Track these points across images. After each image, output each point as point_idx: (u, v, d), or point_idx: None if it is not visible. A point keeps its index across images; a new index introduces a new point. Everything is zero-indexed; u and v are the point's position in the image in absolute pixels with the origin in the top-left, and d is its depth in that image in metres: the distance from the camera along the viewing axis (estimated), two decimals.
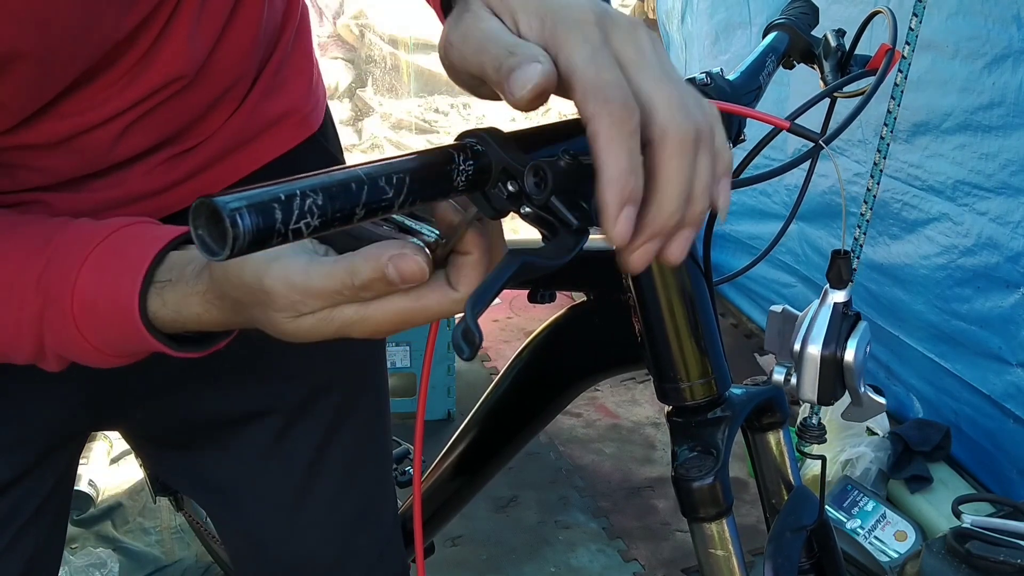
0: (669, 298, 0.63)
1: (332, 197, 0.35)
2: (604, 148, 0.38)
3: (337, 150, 0.85)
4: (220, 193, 0.33)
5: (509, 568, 1.81)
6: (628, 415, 2.34)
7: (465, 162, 0.39)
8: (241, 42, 0.66)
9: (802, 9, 0.84)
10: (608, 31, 0.41)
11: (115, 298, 0.50)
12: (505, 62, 0.39)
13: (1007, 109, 1.64)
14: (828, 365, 0.61)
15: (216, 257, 0.34)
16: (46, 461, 0.74)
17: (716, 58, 2.51)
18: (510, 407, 0.93)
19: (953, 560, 1.47)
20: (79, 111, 0.59)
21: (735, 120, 0.65)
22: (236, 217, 0.32)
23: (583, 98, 0.39)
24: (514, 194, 0.41)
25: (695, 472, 0.61)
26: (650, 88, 0.40)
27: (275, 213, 0.33)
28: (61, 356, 0.54)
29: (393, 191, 0.37)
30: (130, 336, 0.51)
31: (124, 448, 2.09)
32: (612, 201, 0.38)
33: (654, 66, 0.41)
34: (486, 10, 0.42)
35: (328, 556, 0.85)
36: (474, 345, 0.36)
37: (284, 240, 0.34)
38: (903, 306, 1.99)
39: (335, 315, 0.43)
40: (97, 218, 0.56)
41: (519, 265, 0.39)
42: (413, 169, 0.38)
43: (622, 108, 0.38)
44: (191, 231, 0.34)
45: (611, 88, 0.39)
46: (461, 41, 0.42)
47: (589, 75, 0.39)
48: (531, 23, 0.41)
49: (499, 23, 0.41)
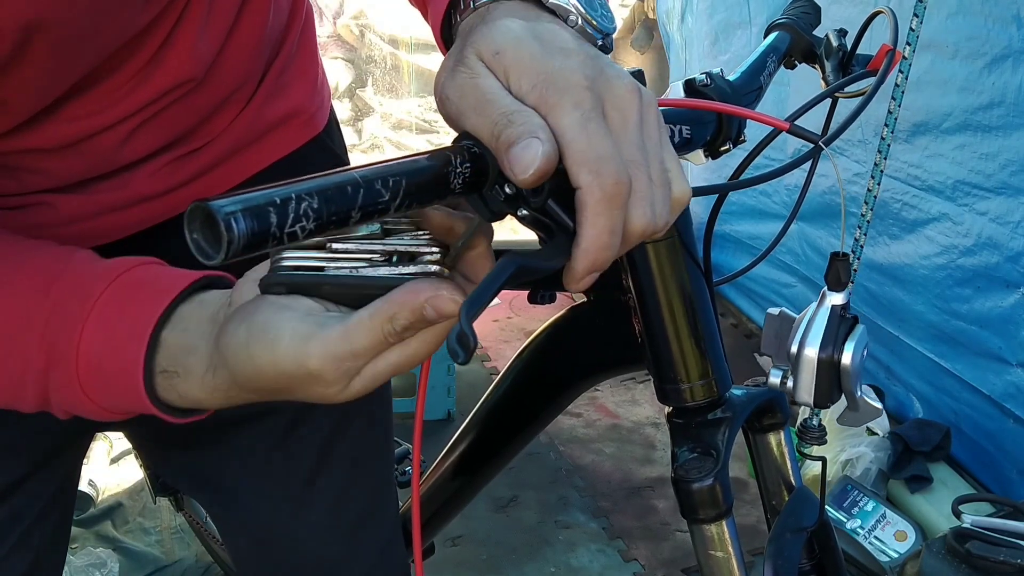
0: (669, 299, 0.63)
1: (328, 200, 0.35)
2: (588, 220, 0.39)
3: (342, 150, 0.85)
4: (216, 197, 0.33)
5: (509, 568, 1.81)
6: (628, 415, 2.34)
7: (462, 164, 0.39)
8: (247, 44, 0.66)
9: (804, 9, 0.84)
10: (602, 95, 0.41)
11: (120, 368, 0.49)
12: (503, 132, 0.39)
13: (1007, 109, 1.64)
14: (825, 368, 0.61)
15: (211, 260, 0.33)
16: (50, 463, 0.74)
17: (716, 58, 2.51)
18: (510, 407, 0.93)
19: (953, 560, 1.47)
20: (87, 114, 0.59)
21: (735, 120, 0.65)
22: (231, 221, 0.32)
23: (574, 167, 0.39)
24: (511, 196, 0.41)
25: (695, 473, 0.61)
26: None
27: (270, 217, 0.33)
28: (67, 411, 0.53)
29: (389, 194, 0.37)
30: (134, 404, 0.50)
31: (124, 448, 2.09)
32: (581, 268, 0.40)
33: (634, 140, 0.41)
34: (481, 64, 0.41)
35: (331, 555, 0.85)
36: (469, 349, 0.36)
37: (279, 243, 0.34)
38: (903, 306, 1.99)
39: (379, 364, 0.43)
40: (102, 220, 0.56)
41: (515, 268, 0.39)
42: (410, 172, 0.38)
43: (614, 185, 0.39)
44: (186, 235, 0.34)
45: (603, 162, 0.39)
46: (458, 97, 0.41)
47: (580, 145, 0.39)
48: (523, 84, 0.40)
49: (494, 81, 0.41)
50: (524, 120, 0.39)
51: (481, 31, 0.42)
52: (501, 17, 0.43)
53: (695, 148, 0.64)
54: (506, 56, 0.41)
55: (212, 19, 0.62)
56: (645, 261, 0.62)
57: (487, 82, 0.41)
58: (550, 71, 0.40)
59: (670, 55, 2.87)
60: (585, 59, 0.41)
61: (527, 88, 0.40)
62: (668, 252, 0.61)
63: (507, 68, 0.41)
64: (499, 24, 0.42)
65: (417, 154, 0.39)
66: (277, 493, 0.82)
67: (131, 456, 2.03)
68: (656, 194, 0.41)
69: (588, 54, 0.42)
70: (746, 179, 0.59)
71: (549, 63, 0.40)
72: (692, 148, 0.63)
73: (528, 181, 0.38)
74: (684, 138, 0.61)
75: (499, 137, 0.39)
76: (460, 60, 0.42)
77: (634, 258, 0.63)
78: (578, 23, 0.46)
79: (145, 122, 0.62)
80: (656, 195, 0.41)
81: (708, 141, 0.65)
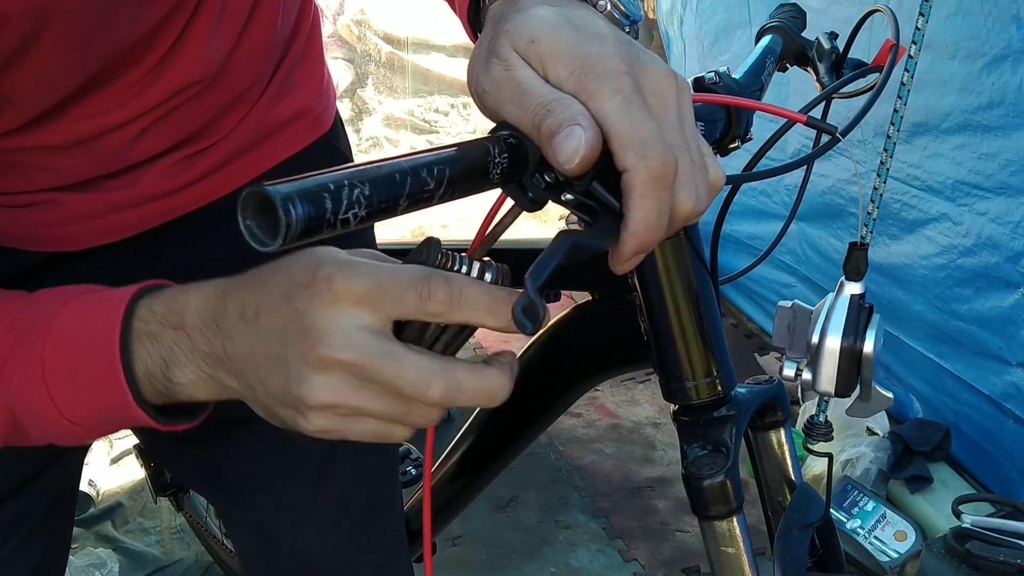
0: (675, 298, 0.63)
1: (378, 187, 0.35)
2: (636, 202, 0.39)
3: (347, 150, 0.86)
4: (269, 183, 0.32)
5: (509, 568, 1.81)
6: (628, 415, 2.34)
7: (500, 155, 0.39)
8: (258, 45, 0.67)
9: (791, 13, 0.85)
10: (640, 79, 0.40)
11: (95, 334, 0.47)
12: (544, 122, 0.38)
13: (1007, 109, 1.64)
14: (847, 357, 0.61)
15: (266, 247, 0.33)
16: (52, 466, 0.74)
17: (716, 58, 2.51)
18: (513, 406, 0.93)
19: (953, 560, 1.47)
20: (98, 113, 0.59)
21: (744, 118, 0.65)
22: (289, 206, 0.32)
23: (620, 150, 0.39)
24: (552, 184, 0.41)
25: (706, 470, 0.61)
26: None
27: (325, 202, 0.33)
28: (14, 413, 0.50)
29: (434, 183, 0.37)
30: (107, 390, 0.47)
31: (124, 448, 2.09)
32: (629, 249, 0.40)
33: (674, 123, 0.41)
34: (515, 55, 0.41)
35: (337, 553, 0.85)
36: (537, 319, 0.37)
37: (332, 230, 0.34)
38: (903, 306, 1.99)
39: (349, 422, 0.43)
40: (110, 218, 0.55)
41: (571, 244, 0.39)
42: (452, 161, 0.38)
43: (661, 165, 0.39)
44: (239, 222, 0.33)
45: (649, 144, 0.39)
46: (495, 90, 0.41)
47: (624, 127, 0.39)
48: (560, 72, 0.40)
49: (530, 72, 0.41)
50: (564, 108, 0.38)
51: (514, 20, 0.42)
52: (533, 5, 0.43)
53: None
54: (541, 44, 0.41)
55: (224, 20, 0.62)
56: (651, 259, 0.63)
57: (523, 73, 0.40)
58: (587, 57, 0.40)
59: (670, 55, 2.87)
60: (620, 44, 0.41)
61: (565, 75, 0.40)
62: (674, 250, 0.61)
63: (543, 56, 0.40)
64: (532, 12, 0.42)
65: (457, 144, 0.39)
66: (284, 491, 0.82)
67: (131, 456, 2.02)
68: (698, 177, 0.42)
69: (622, 40, 0.42)
70: (760, 171, 0.59)
71: (585, 49, 0.40)
72: None
73: (574, 170, 0.38)
74: None
75: (540, 128, 0.39)
76: (493, 51, 0.42)
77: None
78: (607, 9, 0.46)
79: (155, 121, 0.62)
80: (698, 178, 0.42)
81: (717, 139, 0.65)
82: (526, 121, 0.39)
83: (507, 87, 0.40)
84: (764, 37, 0.81)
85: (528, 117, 0.39)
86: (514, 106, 0.40)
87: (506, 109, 0.41)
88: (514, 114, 0.40)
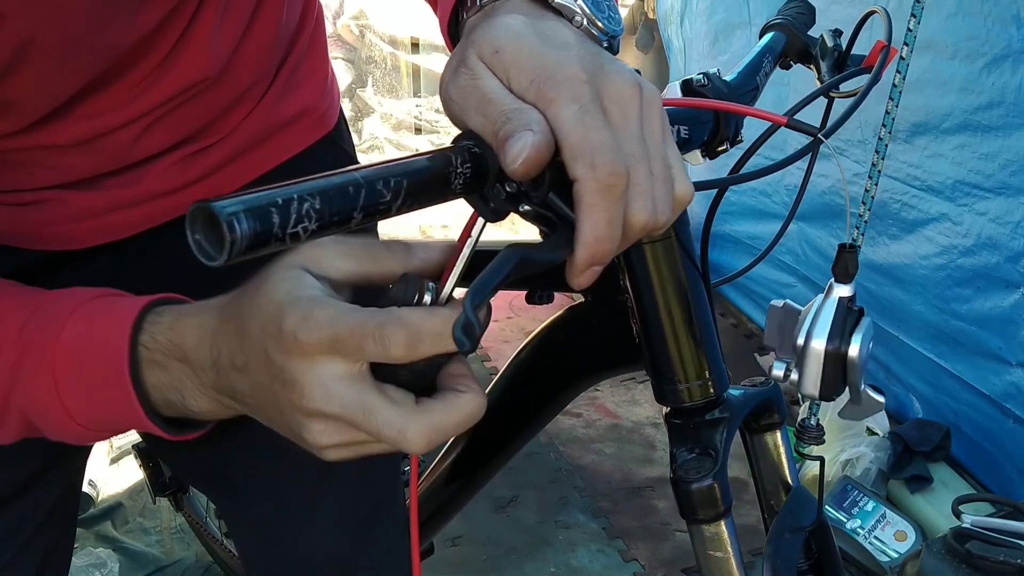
0: (666, 299, 0.63)
1: (330, 200, 0.35)
2: (585, 212, 0.39)
3: (351, 149, 0.86)
4: (217, 198, 0.33)
5: (509, 568, 1.81)
6: (628, 415, 2.34)
7: (463, 165, 0.39)
8: (261, 44, 0.67)
9: (799, 9, 0.84)
10: (601, 89, 0.40)
11: (103, 345, 0.48)
12: (501, 128, 0.38)
13: (1006, 109, 1.64)
14: (831, 360, 0.60)
15: (213, 262, 0.33)
16: (54, 468, 0.74)
17: (715, 58, 2.51)
18: (508, 407, 0.93)
19: (953, 560, 1.47)
20: (101, 112, 0.59)
21: (732, 120, 0.65)
22: (233, 221, 0.32)
23: (570, 159, 0.38)
24: (512, 194, 0.41)
25: (693, 474, 0.61)
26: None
27: (272, 217, 0.33)
28: (27, 418, 0.51)
29: (391, 194, 0.37)
30: (116, 397, 0.48)
31: (124, 448, 2.09)
32: (582, 261, 0.40)
33: (633, 133, 0.40)
34: (481, 65, 0.41)
35: (340, 553, 0.85)
36: (474, 337, 0.36)
37: (281, 244, 0.34)
38: (903, 306, 1.98)
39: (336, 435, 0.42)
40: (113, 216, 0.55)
41: (516, 260, 0.38)
42: (411, 172, 0.38)
43: (609, 176, 0.38)
44: (188, 236, 0.34)
45: (599, 153, 0.38)
46: (461, 99, 0.41)
47: (576, 136, 0.38)
48: (522, 81, 0.40)
49: (495, 82, 0.41)
50: (520, 116, 0.39)
51: (482, 30, 0.42)
52: (504, 14, 0.43)
53: (692, 148, 0.64)
54: (505, 54, 0.41)
55: (227, 19, 0.62)
56: (642, 261, 0.62)
57: (488, 82, 0.41)
58: (547, 66, 0.40)
59: (670, 55, 2.87)
60: (584, 54, 0.41)
61: (525, 84, 0.40)
62: (665, 252, 0.61)
63: (507, 66, 0.41)
64: (500, 21, 0.42)
65: (418, 155, 0.39)
66: (287, 490, 0.82)
67: (131, 456, 2.02)
68: (658, 189, 0.41)
69: (588, 49, 0.41)
70: (746, 173, 0.58)
71: (547, 58, 0.40)
72: (690, 148, 0.63)
73: (519, 171, 0.38)
74: (682, 138, 0.61)
75: (497, 134, 0.39)
76: (462, 61, 0.42)
77: (631, 258, 0.63)
78: (583, 24, 0.46)
79: (159, 120, 0.62)
80: (658, 190, 0.41)
81: (705, 141, 0.65)
82: (488, 130, 0.40)
83: (472, 96, 0.40)
84: (766, 35, 0.81)
85: (489, 126, 0.39)
86: (477, 115, 0.40)
87: (470, 117, 0.41)
88: (477, 123, 0.40)
